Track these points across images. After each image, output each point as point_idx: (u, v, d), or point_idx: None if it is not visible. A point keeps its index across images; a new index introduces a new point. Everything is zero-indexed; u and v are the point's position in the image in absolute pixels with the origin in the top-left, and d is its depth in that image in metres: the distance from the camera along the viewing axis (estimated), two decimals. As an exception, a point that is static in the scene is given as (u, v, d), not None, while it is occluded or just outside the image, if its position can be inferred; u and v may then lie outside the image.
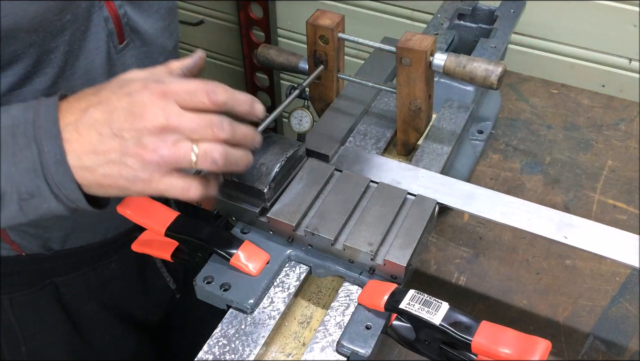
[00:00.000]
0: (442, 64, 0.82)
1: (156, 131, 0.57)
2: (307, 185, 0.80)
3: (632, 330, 0.86)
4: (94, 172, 0.58)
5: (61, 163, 0.58)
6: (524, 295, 0.91)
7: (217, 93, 0.59)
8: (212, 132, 0.58)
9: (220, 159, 0.59)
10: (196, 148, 0.58)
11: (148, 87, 0.59)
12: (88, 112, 0.58)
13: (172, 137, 0.58)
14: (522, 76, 1.33)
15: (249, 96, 0.63)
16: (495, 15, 1.17)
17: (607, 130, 1.19)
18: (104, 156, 0.58)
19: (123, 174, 0.58)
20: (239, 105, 0.61)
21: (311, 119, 0.83)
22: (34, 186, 0.58)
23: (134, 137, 0.57)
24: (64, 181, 0.58)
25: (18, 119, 0.59)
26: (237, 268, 0.74)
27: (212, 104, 0.59)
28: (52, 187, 0.59)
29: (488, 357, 0.62)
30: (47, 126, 0.58)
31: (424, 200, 0.79)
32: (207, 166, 0.59)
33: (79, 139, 0.58)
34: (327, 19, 0.87)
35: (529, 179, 1.09)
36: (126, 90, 0.59)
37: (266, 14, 1.92)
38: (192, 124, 0.58)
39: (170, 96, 0.58)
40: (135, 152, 0.57)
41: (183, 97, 0.58)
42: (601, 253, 0.73)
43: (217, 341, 0.69)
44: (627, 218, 1.02)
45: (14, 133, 0.58)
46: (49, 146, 0.57)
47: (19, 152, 0.58)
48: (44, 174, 0.58)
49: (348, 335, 0.68)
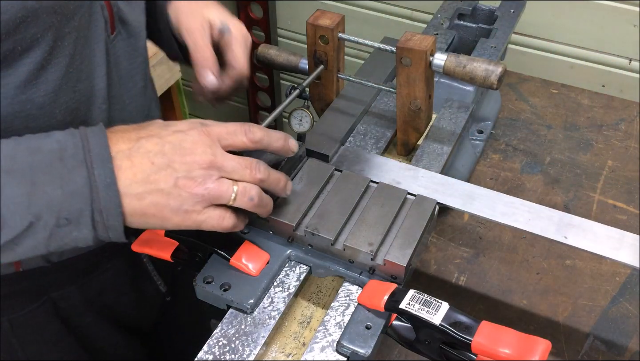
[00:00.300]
0: (442, 64, 0.82)
1: (205, 166, 0.62)
2: (307, 185, 0.80)
3: (632, 330, 0.86)
4: (142, 200, 0.61)
5: (111, 187, 0.59)
6: (524, 295, 0.91)
7: (254, 132, 0.66)
8: (250, 172, 0.65)
9: (256, 197, 0.66)
10: (235, 187, 0.64)
11: (195, 127, 0.64)
12: (140, 142, 0.62)
13: (216, 174, 0.63)
14: (522, 76, 1.33)
15: (283, 133, 0.70)
16: (495, 15, 1.17)
17: (607, 130, 1.19)
18: (154, 185, 0.61)
19: (170, 204, 0.62)
20: (274, 142, 0.68)
21: (311, 119, 0.83)
22: (77, 211, 0.59)
23: (184, 170, 0.61)
24: (109, 206, 0.59)
25: (65, 143, 0.59)
26: (237, 268, 0.74)
27: (250, 142, 0.66)
28: (95, 212, 0.59)
29: (488, 357, 0.62)
30: (99, 150, 0.59)
31: (424, 200, 0.79)
32: (244, 203, 0.65)
33: (132, 167, 0.60)
34: (327, 19, 0.87)
35: (529, 179, 1.09)
36: (174, 128, 0.64)
37: (266, 14, 1.92)
38: (233, 164, 0.64)
39: (214, 136, 0.64)
40: (184, 183, 0.61)
41: (225, 138, 0.65)
42: (601, 253, 0.73)
43: (217, 341, 0.69)
44: (627, 218, 1.02)
45: (62, 156, 0.58)
46: (99, 169, 0.59)
47: (67, 175, 0.58)
48: (91, 198, 0.59)
49: (348, 335, 0.68)
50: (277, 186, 0.70)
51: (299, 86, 0.85)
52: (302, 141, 0.85)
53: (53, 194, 0.57)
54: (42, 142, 0.59)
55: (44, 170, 0.58)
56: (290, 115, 0.84)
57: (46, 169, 0.58)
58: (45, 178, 0.57)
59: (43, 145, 0.59)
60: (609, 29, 1.43)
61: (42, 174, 0.57)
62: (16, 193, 0.56)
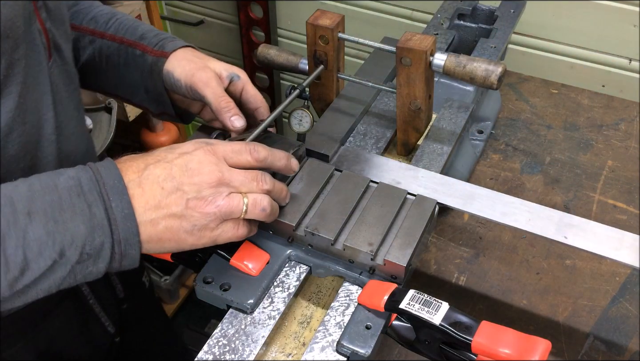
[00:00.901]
0: (442, 64, 0.82)
1: (214, 184, 0.64)
2: (307, 185, 0.80)
3: (632, 330, 0.86)
4: (157, 225, 0.62)
5: (129, 217, 0.60)
6: (524, 295, 0.91)
7: (259, 152, 0.68)
8: (257, 184, 0.67)
9: (268, 207, 0.68)
10: (245, 199, 0.66)
11: (200, 147, 0.66)
12: (148, 169, 0.63)
13: (226, 190, 0.65)
14: (522, 76, 1.33)
15: (285, 153, 0.73)
16: (495, 15, 1.17)
17: (607, 130, 1.19)
18: (167, 209, 0.62)
19: (183, 226, 0.63)
20: (277, 161, 0.71)
21: (311, 119, 0.83)
22: (99, 245, 0.59)
23: (194, 191, 0.63)
24: (128, 237, 0.60)
25: (79, 180, 0.60)
26: (237, 268, 0.74)
27: (255, 161, 0.68)
28: (115, 243, 0.60)
29: (488, 357, 0.62)
30: (113, 183, 0.60)
31: (424, 200, 0.79)
32: (256, 215, 0.67)
33: (143, 194, 0.61)
34: (327, 19, 0.87)
35: (529, 179, 1.09)
36: (180, 150, 0.65)
37: (266, 14, 1.92)
38: (241, 178, 0.66)
39: (220, 155, 0.66)
40: (195, 204, 0.63)
41: (230, 156, 0.67)
42: (601, 253, 0.73)
43: (217, 341, 0.69)
44: (627, 218, 1.02)
45: (79, 192, 0.59)
46: (116, 201, 0.60)
47: (88, 209, 0.59)
48: (111, 230, 0.59)
49: (348, 335, 0.68)
50: (280, 195, 0.72)
51: (299, 86, 0.85)
52: (302, 141, 0.85)
53: (76, 230, 0.58)
54: (57, 180, 0.59)
55: (64, 207, 0.58)
56: (290, 115, 0.84)
57: (66, 206, 0.58)
58: (67, 215, 0.58)
59: (59, 183, 0.59)
60: (609, 29, 1.43)
61: (63, 212, 0.57)
62: (39, 233, 0.56)
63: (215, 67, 0.83)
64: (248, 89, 0.84)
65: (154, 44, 0.84)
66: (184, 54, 0.83)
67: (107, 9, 0.90)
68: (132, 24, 0.88)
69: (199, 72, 0.80)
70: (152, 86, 0.85)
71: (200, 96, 0.80)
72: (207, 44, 2.23)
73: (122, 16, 0.89)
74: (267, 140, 0.80)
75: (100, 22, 0.87)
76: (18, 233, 0.55)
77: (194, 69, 0.81)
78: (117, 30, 0.87)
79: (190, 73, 0.80)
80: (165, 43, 0.84)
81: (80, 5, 0.89)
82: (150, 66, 0.84)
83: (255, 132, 0.77)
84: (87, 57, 0.88)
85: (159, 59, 0.83)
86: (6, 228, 0.55)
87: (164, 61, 0.83)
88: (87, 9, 0.89)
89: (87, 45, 0.87)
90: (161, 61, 0.83)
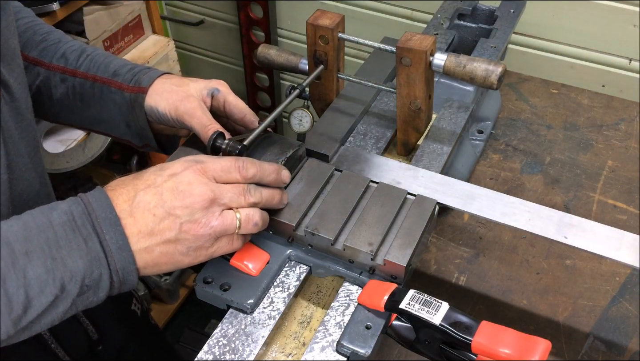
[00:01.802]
0: (442, 64, 0.82)
1: (205, 205, 0.64)
2: (307, 185, 0.80)
3: (632, 330, 0.86)
4: (152, 252, 0.63)
5: (124, 248, 0.61)
6: (524, 295, 0.91)
7: (247, 169, 0.68)
8: (245, 198, 0.67)
9: (260, 221, 0.69)
10: (238, 215, 0.66)
11: (189, 166, 0.66)
12: (138, 196, 0.63)
13: (218, 210, 0.65)
14: (522, 76, 1.33)
15: (274, 166, 0.73)
16: (495, 15, 1.17)
17: (607, 130, 1.19)
18: (160, 236, 0.62)
19: (178, 249, 0.64)
20: (266, 176, 0.71)
21: (311, 119, 0.83)
22: (97, 276, 0.60)
23: (186, 214, 0.63)
24: (125, 266, 0.61)
25: (71, 214, 0.60)
26: (237, 268, 0.74)
27: (243, 179, 0.68)
28: (113, 273, 0.61)
29: (488, 357, 0.62)
30: (105, 215, 0.61)
31: (424, 200, 0.79)
32: (249, 229, 0.68)
33: (135, 223, 0.62)
34: (327, 19, 0.87)
35: (529, 179, 1.09)
36: (169, 172, 0.65)
37: (266, 14, 1.92)
38: (230, 195, 0.66)
39: (209, 174, 0.66)
40: (189, 227, 0.63)
41: (220, 175, 0.67)
42: (601, 253, 0.73)
43: (217, 341, 0.69)
44: (627, 218, 1.02)
45: (74, 227, 0.59)
46: (110, 233, 0.60)
47: (83, 244, 0.59)
48: (107, 261, 0.60)
49: (348, 335, 0.68)
50: (271, 202, 0.72)
51: (298, 86, 0.85)
52: (302, 141, 0.85)
53: (75, 266, 0.59)
54: (50, 216, 0.60)
55: (61, 244, 0.58)
56: (290, 115, 0.84)
57: (63, 242, 0.58)
58: (64, 251, 0.58)
59: (52, 219, 0.59)
60: (609, 29, 1.43)
61: (60, 248, 0.58)
62: (39, 272, 0.57)
63: (195, 90, 0.81)
64: (229, 100, 0.83)
65: (128, 80, 0.83)
66: (163, 86, 0.82)
67: (76, 44, 0.88)
68: (103, 60, 0.86)
69: (183, 103, 0.79)
70: (134, 121, 0.85)
71: (188, 127, 0.80)
72: (207, 44, 2.23)
73: (92, 51, 0.87)
74: (266, 140, 0.80)
75: (70, 60, 0.86)
76: (18, 273, 0.56)
77: (177, 101, 0.80)
78: (88, 68, 0.85)
79: (174, 106, 0.80)
80: (140, 77, 0.83)
81: (48, 41, 0.87)
82: (130, 102, 0.83)
83: (254, 133, 0.77)
84: (61, 95, 0.87)
85: (138, 95, 0.82)
86: (6, 269, 0.55)
87: (143, 96, 0.82)
88: (55, 46, 0.87)
89: (59, 84, 0.86)
90: (140, 97, 0.82)
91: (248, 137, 0.76)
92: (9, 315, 0.56)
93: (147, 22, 1.75)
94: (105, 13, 1.61)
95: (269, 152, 0.78)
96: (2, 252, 0.56)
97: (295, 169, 0.82)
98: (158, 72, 0.85)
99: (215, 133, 0.74)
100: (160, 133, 0.88)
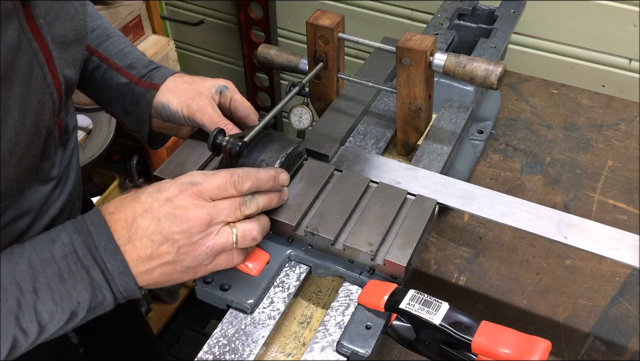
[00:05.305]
0: (442, 64, 0.82)
1: (203, 228, 0.65)
2: (307, 185, 0.80)
3: (632, 330, 0.86)
4: (152, 273, 0.65)
5: (125, 273, 0.63)
6: (524, 295, 0.91)
7: (243, 183, 0.68)
8: (241, 211, 0.68)
9: (258, 235, 0.69)
10: (234, 230, 0.67)
11: (185, 189, 0.66)
12: (136, 222, 0.64)
13: (214, 229, 0.66)
14: (522, 76, 1.33)
15: (271, 172, 0.72)
16: (495, 15, 1.17)
17: (607, 130, 1.19)
18: (159, 259, 0.64)
19: (177, 269, 0.66)
20: (263, 185, 0.71)
21: (311, 116, 0.83)
22: (102, 299, 0.63)
23: (184, 238, 0.64)
24: (128, 287, 0.64)
25: (72, 246, 0.62)
26: (237, 267, 0.74)
27: (239, 193, 0.68)
28: (117, 295, 0.64)
29: (488, 357, 0.62)
30: (105, 244, 0.63)
31: (424, 200, 0.79)
32: (247, 243, 0.68)
33: (134, 249, 0.64)
34: (327, 19, 0.87)
35: (529, 179, 1.09)
36: (165, 196, 0.66)
37: (266, 14, 1.92)
38: (226, 212, 0.67)
39: (206, 195, 0.66)
40: (186, 250, 0.65)
41: (216, 193, 0.67)
42: (601, 253, 0.73)
43: (217, 341, 0.69)
44: (627, 218, 1.02)
45: (76, 259, 0.62)
46: (111, 262, 0.63)
47: (86, 274, 0.62)
48: (110, 287, 0.63)
49: (348, 335, 0.68)
50: (270, 205, 0.73)
51: (298, 83, 0.85)
52: (302, 138, 0.85)
53: (81, 295, 0.62)
54: (52, 249, 0.62)
55: (65, 277, 0.61)
56: (289, 112, 0.84)
57: (67, 276, 0.61)
58: (69, 284, 0.61)
59: (55, 253, 0.61)
60: (609, 29, 1.43)
61: (65, 282, 0.61)
62: (48, 306, 0.60)
63: (205, 88, 0.84)
64: (236, 97, 0.85)
65: (141, 74, 0.86)
66: (175, 84, 0.85)
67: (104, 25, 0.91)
68: (122, 49, 0.88)
69: (195, 101, 0.82)
70: (136, 113, 0.86)
71: (199, 124, 0.82)
72: (207, 44, 2.24)
73: (117, 39, 0.90)
74: (266, 137, 0.80)
75: (92, 40, 0.88)
76: (29, 310, 0.60)
77: (188, 99, 0.82)
78: (107, 51, 0.87)
79: (186, 104, 0.82)
80: (153, 74, 0.86)
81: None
82: (138, 96, 0.85)
83: (254, 130, 0.77)
84: None
85: (148, 91, 0.84)
86: (17, 308, 0.59)
87: (154, 93, 0.84)
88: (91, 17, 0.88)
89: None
90: (150, 93, 0.84)
91: (248, 134, 0.76)
92: (25, 341, 0.61)
93: (147, 22, 1.75)
94: (105, 13, 1.61)
95: (269, 149, 0.78)
96: (12, 292, 0.59)
97: (295, 166, 0.82)
98: (171, 71, 0.87)
99: (216, 130, 0.75)
100: (152, 129, 0.89)
